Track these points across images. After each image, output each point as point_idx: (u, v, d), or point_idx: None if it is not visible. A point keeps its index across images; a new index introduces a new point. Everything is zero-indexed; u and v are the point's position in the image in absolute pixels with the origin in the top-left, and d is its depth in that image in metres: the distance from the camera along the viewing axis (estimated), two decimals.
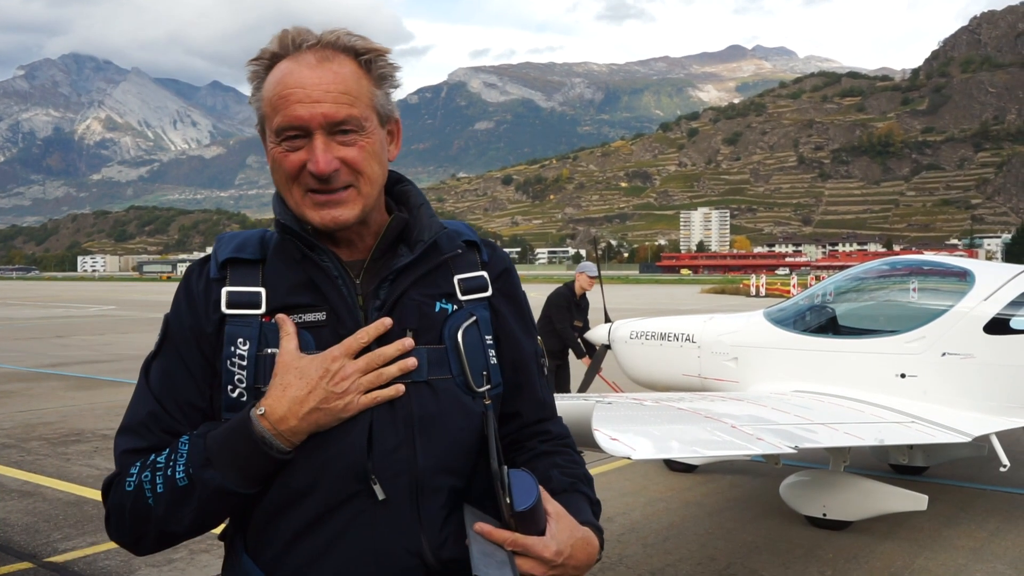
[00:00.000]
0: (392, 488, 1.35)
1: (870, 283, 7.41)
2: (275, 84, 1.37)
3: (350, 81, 1.37)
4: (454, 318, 1.45)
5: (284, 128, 1.35)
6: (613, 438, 3.82)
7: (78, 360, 16.63)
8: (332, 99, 1.34)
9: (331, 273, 1.40)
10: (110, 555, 5.33)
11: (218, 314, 1.39)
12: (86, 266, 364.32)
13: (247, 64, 1.41)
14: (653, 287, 76.61)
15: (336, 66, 1.37)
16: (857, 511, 5.82)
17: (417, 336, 1.41)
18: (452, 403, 1.41)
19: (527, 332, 1.59)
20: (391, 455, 1.36)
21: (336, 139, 1.36)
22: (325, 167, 1.33)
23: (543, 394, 1.60)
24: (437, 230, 1.48)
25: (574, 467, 1.53)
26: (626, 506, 6.60)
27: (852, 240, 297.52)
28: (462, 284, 1.49)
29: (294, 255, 1.42)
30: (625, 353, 8.20)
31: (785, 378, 6.64)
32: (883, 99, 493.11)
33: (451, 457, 1.41)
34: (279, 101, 1.35)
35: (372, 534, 1.35)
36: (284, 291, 1.40)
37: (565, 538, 1.32)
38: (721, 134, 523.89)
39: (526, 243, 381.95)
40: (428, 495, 1.38)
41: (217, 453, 1.30)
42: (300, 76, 1.35)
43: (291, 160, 1.36)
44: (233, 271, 1.43)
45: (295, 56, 1.37)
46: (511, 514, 1.27)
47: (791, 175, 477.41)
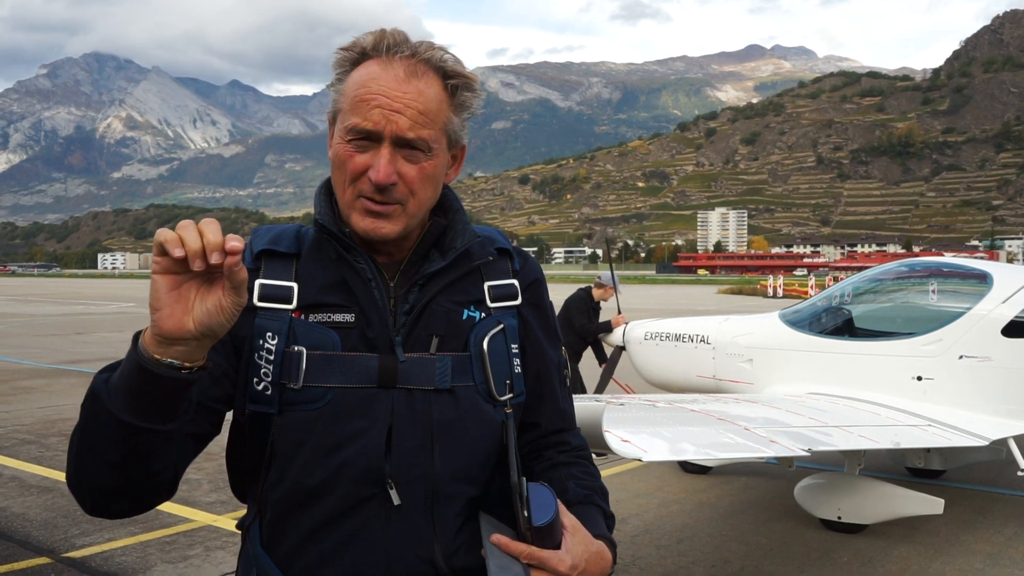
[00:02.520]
0: (408, 493, 1.35)
1: (887, 285, 7.36)
2: (359, 84, 1.36)
3: (431, 102, 1.37)
4: (481, 326, 1.45)
5: (356, 130, 1.35)
6: (624, 439, 3.81)
7: (97, 357, 16.76)
8: (410, 115, 1.34)
9: (365, 276, 1.41)
10: (127, 551, 5.38)
11: (248, 304, 1.32)
12: (106, 263, 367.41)
13: (337, 51, 1.40)
14: (670, 287, 76.34)
15: (423, 84, 1.37)
16: (872, 514, 5.78)
17: (443, 343, 1.41)
18: (473, 411, 1.41)
19: (552, 343, 1.59)
20: (409, 460, 1.36)
21: (402, 153, 1.36)
22: (384, 178, 1.34)
23: (564, 405, 1.60)
24: (471, 238, 1.48)
25: (590, 479, 1.53)
26: (640, 507, 6.59)
27: (871, 241, 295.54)
28: (492, 291, 1.49)
29: (329, 254, 1.42)
30: (640, 354, 8.19)
31: (800, 380, 6.61)
32: (903, 99, 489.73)
33: (469, 465, 1.41)
34: (359, 103, 1.35)
35: (385, 538, 1.35)
36: (316, 289, 1.40)
37: (580, 552, 1.32)
38: (739, 134, 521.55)
39: (543, 243, 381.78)
40: (443, 502, 1.38)
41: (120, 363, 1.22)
42: (386, 84, 1.35)
43: (356, 161, 1.36)
44: (267, 263, 1.42)
45: (386, 62, 1.37)
46: (528, 527, 1.27)
47: (810, 175, 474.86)
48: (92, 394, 1.20)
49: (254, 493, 1.43)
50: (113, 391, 1.18)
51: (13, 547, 5.45)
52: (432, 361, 1.39)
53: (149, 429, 1.19)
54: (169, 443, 1.23)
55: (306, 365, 1.35)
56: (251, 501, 1.46)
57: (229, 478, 1.52)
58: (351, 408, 1.35)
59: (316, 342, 1.36)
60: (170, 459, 1.27)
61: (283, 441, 1.35)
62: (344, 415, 1.35)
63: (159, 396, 1.17)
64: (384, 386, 1.36)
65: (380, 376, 1.36)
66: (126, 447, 1.20)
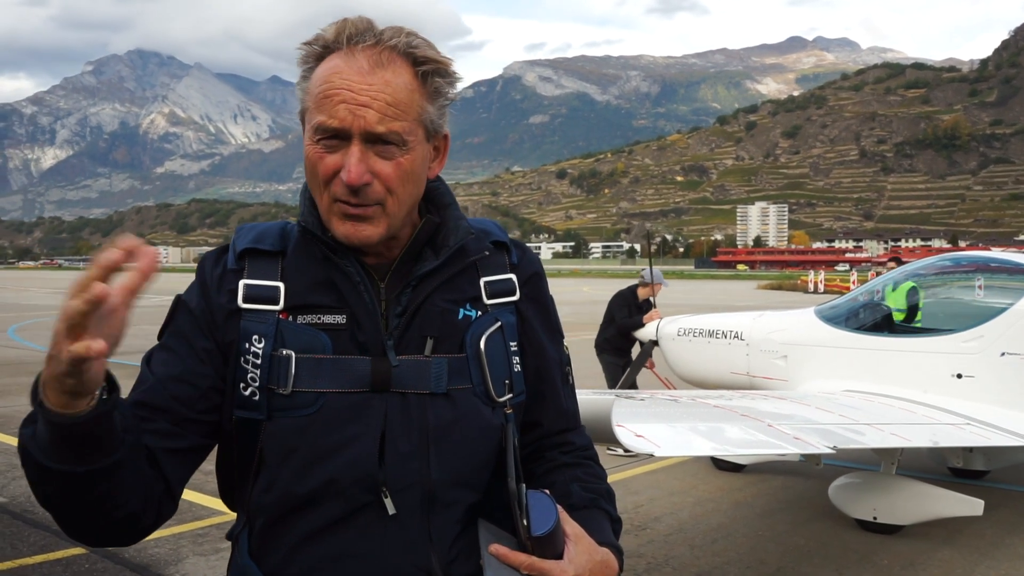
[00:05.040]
0: (403, 501, 1.30)
1: (928, 280, 7.18)
2: (322, 80, 1.28)
3: (400, 92, 1.28)
4: (477, 325, 1.39)
5: (323, 129, 1.27)
6: (638, 434, 3.74)
7: (137, 349, 16.70)
8: (377, 108, 1.26)
9: (353, 279, 1.34)
10: (159, 543, 5.43)
11: (233, 306, 1.33)
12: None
13: (299, 46, 1.33)
14: (708, 283, 75.76)
15: (390, 74, 1.28)
16: (909, 515, 5.65)
17: (438, 344, 1.35)
18: (470, 414, 1.35)
19: (553, 339, 1.52)
20: (403, 467, 1.30)
21: (374, 149, 1.27)
22: (356, 179, 1.26)
23: (567, 404, 1.53)
24: (464, 235, 1.41)
25: (595, 482, 1.47)
26: (674, 506, 6.51)
27: (916, 236, 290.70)
28: (488, 287, 1.43)
29: (315, 254, 1.37)
30: (673, 350, 8.09)
31: (836, 377, 6.47)
32: (950, 91, 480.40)
33: (466, 470, 1.35)
34: (322, 99, 1.27)
35: (380, 548, 1.30)
36: (304, 289, 1.34)
37: (583, 562, 1.26)
38: (780, 127, 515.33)
39: (580, 237, 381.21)
40: (440, 509, 1.33)
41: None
42: (349, 77, 1.26)
43: (326, 163, 1.28)
44: (251, 263, 1.36)
45: (349, 53, 1.28)
46: (528, 537, 1.22)
47: (852, 169, 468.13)
48: (23, 451, 1.16)
49: (242, 501, 1.38)
50: (39, 445, 1.13)
51: (50, 537, 5.53)
52: (427, 364, 1.33)
53: (83, 471, 1.13)
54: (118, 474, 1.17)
55: (295, 369, 1.29)
56: (240, 510, 1.40)
57: (219, 486, 1.45)
58: (343, 414, 1.29)
59: (306, 345, 1.31)
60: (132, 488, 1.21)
61: (272, 448, 1.30)
62: (336, 421, 1.29)
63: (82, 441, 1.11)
64: (377, 391, 1.31)
65: (373, 380, 1.31)
66: (76, 492, 1.16)
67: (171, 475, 1.29)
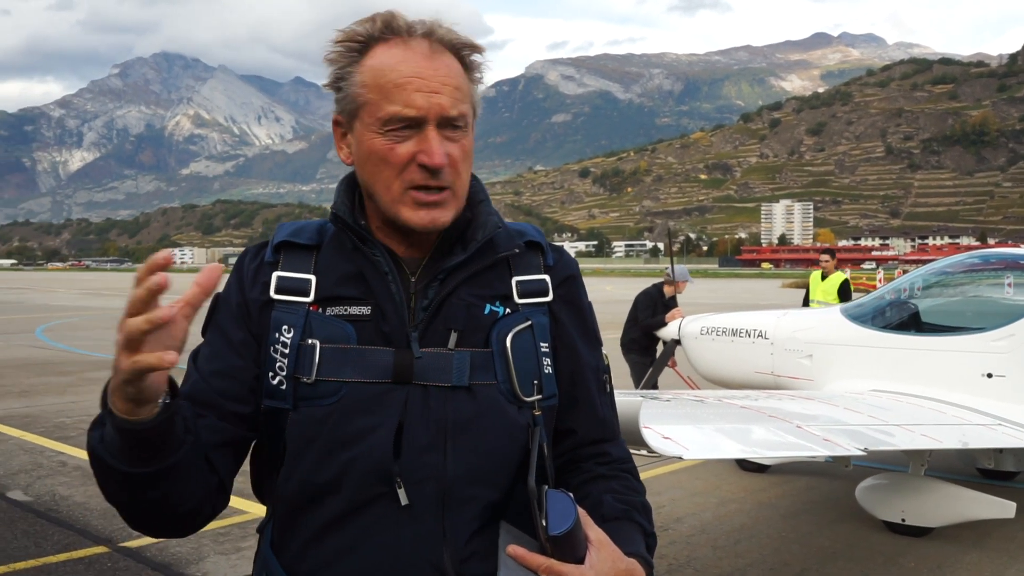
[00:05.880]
0: (417, 494, 1.29)
1: (956, 278, 7.06)
2: (386, 70, 1.28)
3: (459, 77, 1.32)
4: (504, 321, 1.38)
5: (397, 118, 1.27)
6: (665, 436, 3.66)
7: None
8: (448, 93, 1.28)
9: (381, 268, 1.35)
10: (181, 542, 5.44)
11: (266, 297, 1.35)
12: (175, 258, 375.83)
13: (334, 43, 1.32)
14: (732, 281, 75.27)
15: (448, 60, 1.31)
16: (938, 517, 5.55)
17: (462, 338, 1.34)
18: (493, 411, 1.33)
19: (589, 344, 1.49)
20: (419, 459, 1.29)
21: (444, 133, 1.30)
22: (441, 160, 1.27)
23: (603, 412, 1.49)
24: (492, 229, 1.40)
25: (631, 494, 1.43)
26: (697, 506, 6.45)
27: (943, 233, 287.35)
28: (520, 286, 1.41)
29: (347, 245, 1.38)
30: (695, 349, 8.01)
31: (862, 377, 6.36)
32: (978, 86, 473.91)
33: (485, 467, 1.33)
34: (393, 89, 1.27)
35: (393, 541, 1.29)
36: (333, 281, 1.36)
37: (606, 569, 1.22)
38: (805, 124, 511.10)
39: (603, 236, 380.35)
40: (456, 506, 1.31)
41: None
42: (417, 64, 1.28)
43: (398, 152, 1.28)
44: (287, 256, 1.39)
45: (405, 42, 1.30)
46: (546, 538, 1.19)
47: (878, 166, 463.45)
48: (93, 454, 1.21)
49: (269, 493, 1.40)
50: (109, 449, 1.17)
51: (73, 535, 5.58)
52: (449, 357, 1.33)
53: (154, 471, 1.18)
54: (181, 473, 1.22)
55: (319, 358, 1.30)
56: (267, 501, 1.42)
57: (251, 479, 1.46)
58: (363, 404, 1.30)
59: (331, 335, 1.32)
60: (193, 484, 1.27)
61: (295, 437, 1.31)
62: (355, 411, 1.29)
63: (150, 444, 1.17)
64: (399, 382, 1.31)
65: (395, 371, 1.31)
66: (147, 491, 1.21)
67: (221, 469, 1.32)
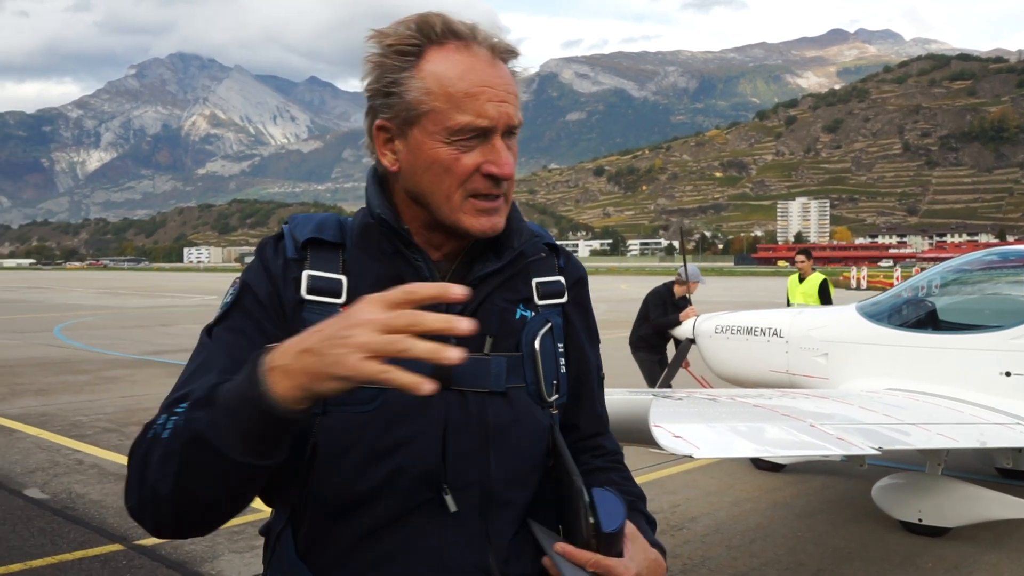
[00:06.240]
0: (463, 499, 1.29)
1: (974, 275, 6.98)
2: (454, 77, 1.26)
3: (515, 84, 1.32)
4: (531, 324, 1.40)
5: (468, 128, 1.26)
6: (676, 435, 3.63)
7: (179, 348, 17.25)
8: (512, 101, 1.29)
9: (423, 274, 1.33)
10: (196, 540, 5.46)
11: (298, 296, 1.31)
12: (191, 257, 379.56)
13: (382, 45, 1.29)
14: (748, 279, 74.97)
15: (504, 66, 1.31)
16: (955, 517, 5.50)
17: (496, 343, 1.36)
18: (526, 414, 1.36)
19: (592, 344, 1.55)
20: (464, 465, 1.30)
21: (506, 142, 1.30)
22: (511, 170, 1.29)
23: (600, 409, 1.56)
24: (528, 237, 1.42)
25: (630, 485, 1.49)
26: (711, 506, 6.41)
27: (962, 230, 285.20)
28: (540, 288, 1.44)
29: (383, 248, 1.35)
30: (710, 348, 7.97)
31: (878, 375, 6.31)
32: (996, 82, 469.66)
33: (523, 470, 1.36)
34: (464, 99, 1.25)
35: (437, 547, 1.28)
36: (369, 283, 1.30)
37: (641, 560, 1.27)
38: (821, 121, 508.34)
39: (618, 234, 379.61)
40: (497, 509, 1.33)
41: (220, 394, 1.11)
42: (484, 73, 1.27)
43: (464, 162, 1.28)
44: (314, 253, 1.34)
45: (468, 48, 1.28)
46: (594, 535, 1.21)
47: (896, 163, 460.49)
48: (199, 439, 1.09)
49: (286, 497, 1.34)
50: (226, 434, 1.08)
51: (89, 533, 5.61)
52: (487, 362, 1.34)
53: (267, 465, 1.11)
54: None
55: None
56: (281, 505, 1.36)
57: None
58: (404, 410, 1.27)
59: None
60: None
61: (328, 443, 1.27)
62: (397, 418, 1.27)
63: (283, 434, 1.10)
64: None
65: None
66: (236, 485, 1.13)
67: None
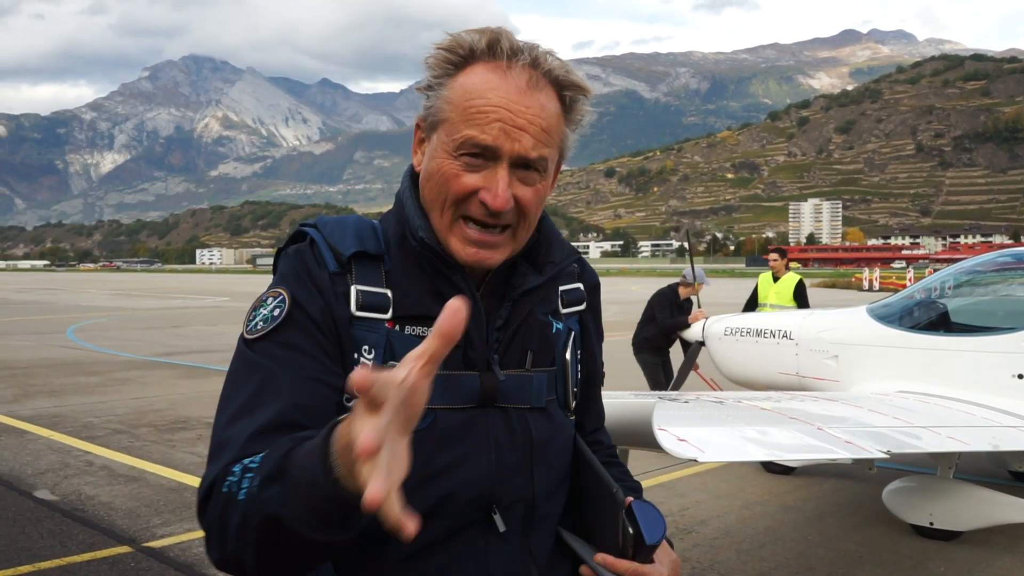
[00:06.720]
0: (509, 517, 1.30)
1: (987, 277, 6.91)
2: (474, 93, 1.22)
3: (552, 118, 1.25)
4: (561, 336, 1.41)
5: (470, 143, 1.22)
6: (681, 439, 3.59)
7: (191, 349, 17.31)
8: (533, 133, 1.22)
9: (461, 289, 1.29)
10: (203, 542, 5.45)
11: (349, 312, 1.26)
12: (204, 259, 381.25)
13: (435, 48, 1.26)
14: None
15: (544, 98, 1.24)
16: (967, 521, 5.44)
17: (536, 358, 1.35)
18: (560, 426, 1.37)
19: (600, 347, 1.57)
20: (510, 483, 1.29)
21: (517, 174, 1.24)
22: (504, 204, 1.22)
23: (600, 405, 1.59)
24: (568, 252, 1.40)
25: (628, 478, 1.51)
26: (721, 509, 6.37)
27: (975, 231, 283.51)
28: (564, 297, 1.44)
29: (422, 264, 1.30)
30: (719, 350, 7.93)
31: (889, 378, 6.25)
32: (1011, 82, 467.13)
33: (557, 482, 1.37)
34: (476, 114, 1.21)
35: (483, 565, 1.28)
36: (415, 299, 1.28)
37: (668, 563, 1.30)
38: (833, 122, 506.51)
39: (629, 236, 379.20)
40: (538, 523, 1.34)
41: (293, 468, 1.02)
42: (508, 95, 1.21)
43: (464, 181, 1.23)
44: (358, 266, 1.29)
45: (504, 69, 1.23)
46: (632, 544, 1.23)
47: (909, 164, 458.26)
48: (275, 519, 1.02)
49: None
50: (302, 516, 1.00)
51: (98, 535, 5.61)
52: (529, 379, 1.33)
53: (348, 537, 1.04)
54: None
55: None
56: None
57: None
58: (455, 431, 1.26)
59: None
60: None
61: None
62: (448, 439, 1.25)
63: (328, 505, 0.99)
64: (483, 406, 1.29)
65: (481, 396, 1.28)
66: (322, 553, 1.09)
67: None
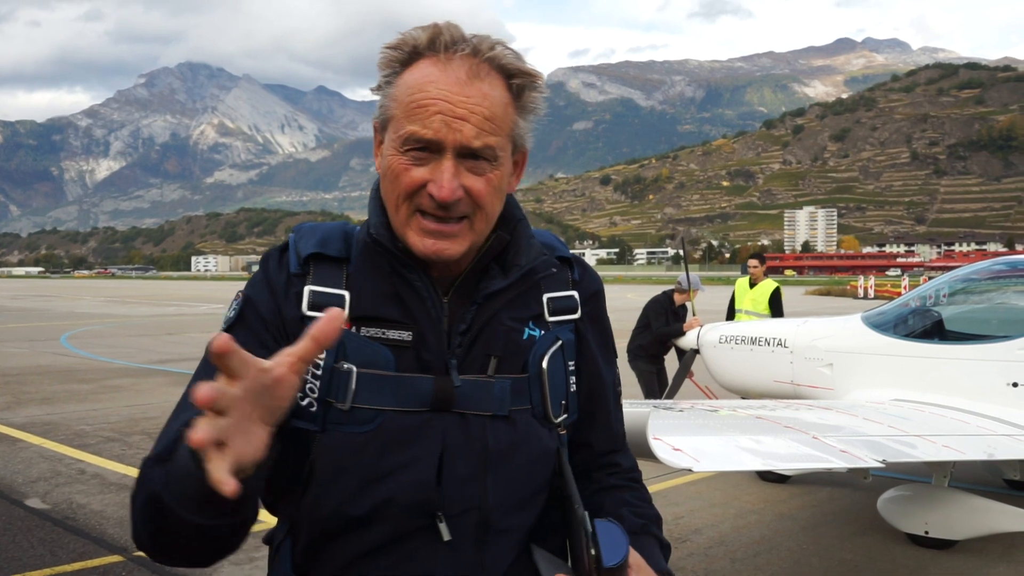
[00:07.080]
0: (458, 526, 1.25)
1: (982, 284, 6.91)
2: (415, 88, 1.22)
3: (497, 106, 1.23)
4: (540, 344, 1.34)
5: (414, 140, 1.21)
6: (676, 448, 3.57)
7: (185, 357, 17.24)
8: (475, 122, 1.21)
9: (421, 293, 1.28)
10: None
11: (298, 313, 1.27)
12: (199, 266, 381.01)
13: (383, 48, 1.26)
14: None
15: (487, 86, 1.23)
16: (963, 529, 5.43)
17: (501, 364, 1.31)
18: (530, 437, 1.31)
19: (608, 360, 1.48)
20: (459, 491, 1.25)
21: (465, 164, 1.22)
22: (449, 195, 1.20)
23: (617, 426, 1.50)
24: (536, 255, 1.36)
25: (645, 506, 1.43)
26: (715, 518, 6.35)
27: (970, 239, 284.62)
28: (551, 304, 1.38)
29: (382, 264, 1.30)
30: (714, 358, 7.92)
31: (884, 386, 6.25)
32: (1005, 91, 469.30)
33: (524, 496, 1.31)
34: (417, 109, 1.21)
35: (430, 573, 1.25)
36: (370, 300, 1.28)
37: None
38: (828, 130, 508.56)
39: (624, 244, 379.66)
40: (494, 536, 1.28)
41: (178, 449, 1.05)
42: (447, 87, 1.20)
43: (412, 175, 1.22)
44: (316, 268, 1.30)
45: (444, 62, 1.22)
46: (596, 568, 1.16)
47: (903, 172, 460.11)
48: (156, 499, 1.06)
49: (286, 510, 1.32)
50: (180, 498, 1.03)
51: (88, 544, 5.57)
52: (490, 385, 1.29)
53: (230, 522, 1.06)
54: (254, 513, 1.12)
55: (356, 384, 1.23)
56: (283, 516, 1.34)
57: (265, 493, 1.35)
58: (402, 434, 1.24)
59: (368, 360, 1.25)
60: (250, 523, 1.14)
61: (325, 462, 1.24)
62: (394, 442, 1.24)
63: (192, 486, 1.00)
64: (437, 410, 1.26)
65: (434, 400, 1.25)
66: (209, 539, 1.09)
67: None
